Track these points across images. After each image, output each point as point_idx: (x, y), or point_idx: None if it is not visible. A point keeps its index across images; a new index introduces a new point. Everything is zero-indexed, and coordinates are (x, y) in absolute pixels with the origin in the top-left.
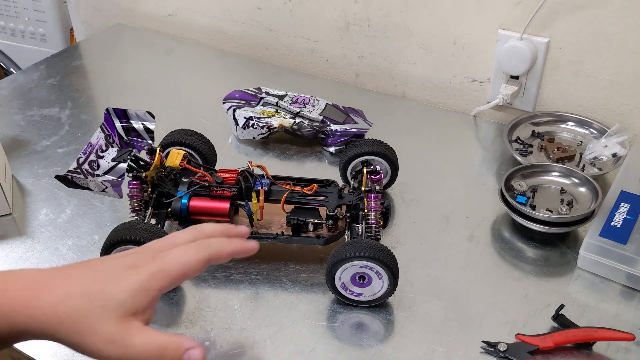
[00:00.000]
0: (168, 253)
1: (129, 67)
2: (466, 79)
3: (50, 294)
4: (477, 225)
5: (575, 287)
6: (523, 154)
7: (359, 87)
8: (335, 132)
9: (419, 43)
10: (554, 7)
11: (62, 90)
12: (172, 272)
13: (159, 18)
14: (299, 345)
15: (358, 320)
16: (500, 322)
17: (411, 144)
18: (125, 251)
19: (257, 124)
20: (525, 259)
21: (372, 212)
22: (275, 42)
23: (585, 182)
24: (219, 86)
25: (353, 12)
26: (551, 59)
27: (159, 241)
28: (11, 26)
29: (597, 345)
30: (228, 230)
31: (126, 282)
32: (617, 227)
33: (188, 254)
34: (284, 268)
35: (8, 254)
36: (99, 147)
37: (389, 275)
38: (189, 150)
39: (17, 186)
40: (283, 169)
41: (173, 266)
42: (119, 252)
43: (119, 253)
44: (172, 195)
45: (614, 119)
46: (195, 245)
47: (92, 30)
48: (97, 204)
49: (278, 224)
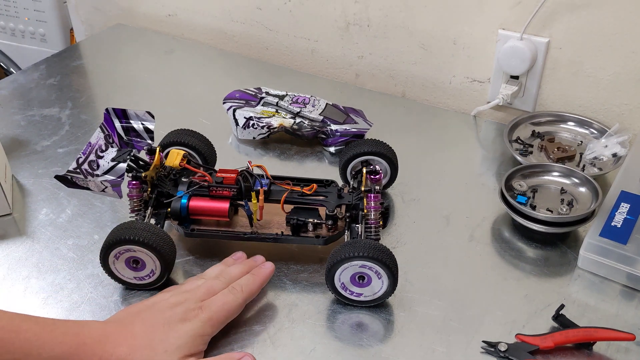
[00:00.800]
0: (212, 302)
1: (129, 67)
2: (466, 79)
3: (119, 348)
4: (477, 225)
5: (576, 287)
6: (523, 154)
7: (359, 87)
8: (335, 132)
9: (419, 43)
10: (554, 7)
11: (62, 90)
12: (220, 318)
13: (159, 18)
14: (299, 345)
15: (358, 320)
16: (500, 322)
17: (411, 144)
18: (170, 299)
19: (257, 124)
20: (525, 259)
21: (371, 212)
22: (275, 42)
23: (585, 182)
24: (219, 86)
25: (353, 12)
26: (551, 59)
27: (198, 289)
28: (11, 26)
29: (597, 345)
30: (250, 266)
31: (183, 331)
32: (617, 227)
33: (229, 301)
34: (284, 268)
35: (8, 254)
36: (98, 147)
37: (389, 275)
38: (188, 150)
39: (17, 186)
40: (283, 169)
41: (220, 314)
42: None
43: (165, 301)
44: (171, 195)
45: (614, 119)
46: (231, 291)
47: (92, 30)
48: (97, 204)
49: (278, 224)
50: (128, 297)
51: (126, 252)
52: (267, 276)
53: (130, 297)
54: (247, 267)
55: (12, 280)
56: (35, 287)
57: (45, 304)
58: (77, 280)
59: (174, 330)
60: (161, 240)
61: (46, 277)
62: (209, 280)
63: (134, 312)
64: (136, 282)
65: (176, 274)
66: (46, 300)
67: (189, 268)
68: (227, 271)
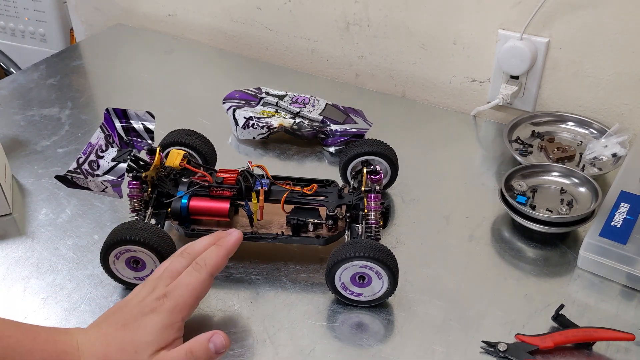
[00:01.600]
0: (176, 286)
1: (129, 67)
2: (466, 79)
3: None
4: (477, 225)
5: (575, 287)
6: (523, 154)
7: (359, 87)
8: (335, 132)
9: (419, 43)
10: (554, 7)
11: (62, 90)
12: (186, 301)
13: (159, 18)
14: (299, 345)
15: (358, 320)
16: (500, 322)
17: (411, 144)
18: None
19: (257, 124)
20: (525, 259)
21: (372, 212)
22: (275, 42)
23: (585, 182)
24: (219, 86)
25: (353, 12)
26: (551, 59)
27: (162, 275)
28: (11, 26)
29: (597, 345)
30: (217, 237)
31: (150, 325)
32: (617, 227)
33: (193, 280)
34: (284, 268)
35: (8, 254)
36: (98, 147)
37: (389, 275)
38: (188, 150)
39: (17, 186)
40: (283, 169)
41: (185, 297)
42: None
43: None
44: (172, 195)
45: (614, 119)
46: (195, 267)
47: (92, 30)
48: (97, 204)
49: (278, 224)
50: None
51: (126, 252)
52: (233, 245)
53: None
54: (214, 239)
55: (12, 280)
56: (35, 287)
57: (45, 304)
58: (77, 280)
59: (142, 327)
60: (161, 240)
61: (46, 277)
62: (174, 259)
63: (110, 313)
64: (136, 282)
65: None
66: (46, 300)
67: None
68: (191, 246)
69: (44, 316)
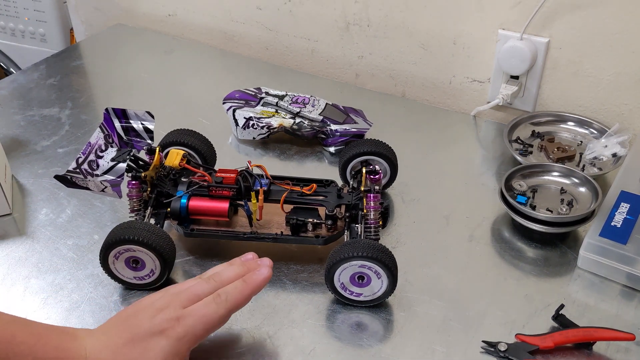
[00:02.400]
0: (191, 313)
1: (129, 67)
2: (466, 79)
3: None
4: (477, 225)
5: (575, 287)
6: (523, 154)
7: (359, 87)
8: (335, 132)
9: (418, 43)
10: (554, 7)
11: (62, 90)
12: (197, 332)
13: (159, 18)
14: (299, 345)
15: (358, 320)
16: (500, 322)
17: (411, 144)
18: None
19: (257, 124)
20: (525, 259)
21: (371, 212)
22: (275, 42)
23: (585, 182)
24: (219, 86)
25: (353, 12)
26: (551, 59)
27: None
28: (11, 26)
29: (597, 345)
30: (248, 269)
31: (159, 348)
32: (617, 227)
33: (209, 313)
34: (284, 268)
35: (8, 254)
36: (98, 147)
37: (388, 275)
38: (188, 150)
39: (17, 186)
40: (283, 169)
41: (196, 328)
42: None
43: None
44: (171, 195)
45: (614, 119)
46: (214, 300)
47: (92, 30)
48: (97, 204)
49: (277, 223)
50: (128, 297)
51: (126, 252)
52: (260, 284)
53: (130, 297)
54: (244, 270)
55: (12, 280)
56: (35, 287)
57: (45, 304)
58: (77, 280)
59: (149, 350)
60: (161, 240)
61: (46, 277)
62: (199, 281)
63: (120, 321)
64: (136, 282)
65: (176, 274)
66: (46, 300)
67: (189, 268)
68: (220, 273)
69: (44, 316)
